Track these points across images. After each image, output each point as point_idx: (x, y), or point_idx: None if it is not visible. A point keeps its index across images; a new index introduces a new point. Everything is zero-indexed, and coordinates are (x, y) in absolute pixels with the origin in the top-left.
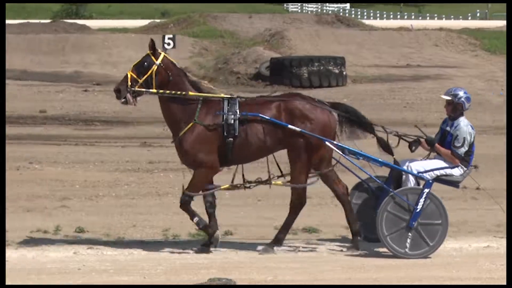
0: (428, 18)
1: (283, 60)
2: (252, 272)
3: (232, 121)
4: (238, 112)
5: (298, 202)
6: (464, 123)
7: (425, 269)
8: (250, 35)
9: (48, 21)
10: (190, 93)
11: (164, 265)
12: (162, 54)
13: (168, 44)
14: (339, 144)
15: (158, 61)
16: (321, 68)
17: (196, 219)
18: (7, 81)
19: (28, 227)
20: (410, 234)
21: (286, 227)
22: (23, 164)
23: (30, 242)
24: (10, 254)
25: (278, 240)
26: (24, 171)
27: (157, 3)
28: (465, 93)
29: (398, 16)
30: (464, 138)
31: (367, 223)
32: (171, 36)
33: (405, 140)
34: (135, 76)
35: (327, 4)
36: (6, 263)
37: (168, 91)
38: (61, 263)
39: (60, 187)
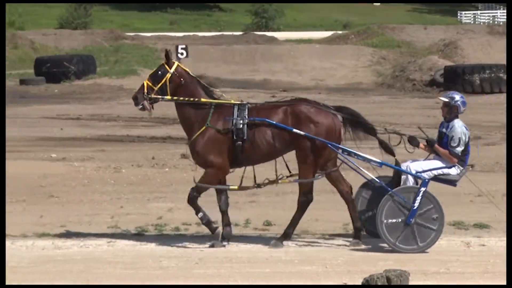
0: None
1: (456, 68)
2: (426, 265)
3: (241, 126)
4: (246, 117)
5: (305, 199)
6: (458, 125)
7: None
8: (426, 45)
9: (240, 33)
10: (203, 99)
11: (344, 256)
12: (176, 63)
13: (182, 54)
14: (341, 146)
15: (172, 70)
16: (492, 75)
17: (200, 214)
18: None
19: (220, 220)
20: (405, 229)
21: (294, 223)
22: None
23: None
24: (206, 244)
25: (286, 235)
26: None
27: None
28: (461, 97)
29: None
30: (459, 138)
31: (373, 220)
32: (183, 46)
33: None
34: (150, 84)
35: (499, 14)
36: (201, 252)
37: (182, 98)
38: (250, 253)
39: (250, 184)
